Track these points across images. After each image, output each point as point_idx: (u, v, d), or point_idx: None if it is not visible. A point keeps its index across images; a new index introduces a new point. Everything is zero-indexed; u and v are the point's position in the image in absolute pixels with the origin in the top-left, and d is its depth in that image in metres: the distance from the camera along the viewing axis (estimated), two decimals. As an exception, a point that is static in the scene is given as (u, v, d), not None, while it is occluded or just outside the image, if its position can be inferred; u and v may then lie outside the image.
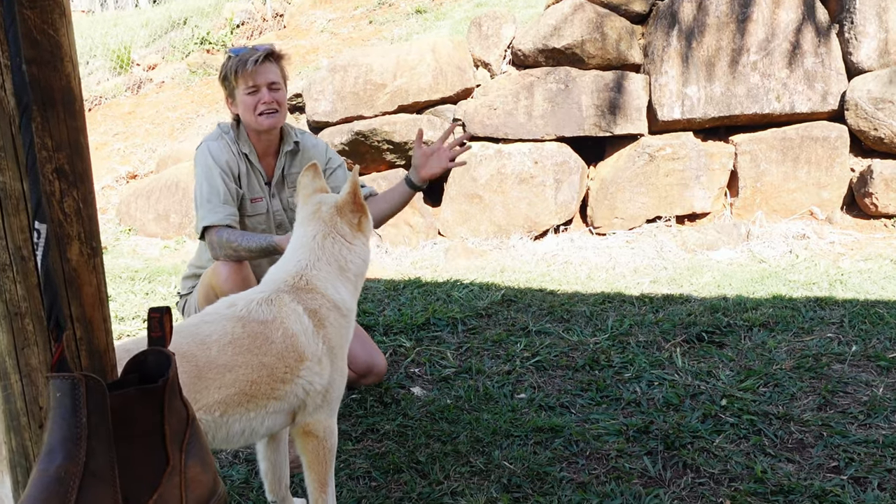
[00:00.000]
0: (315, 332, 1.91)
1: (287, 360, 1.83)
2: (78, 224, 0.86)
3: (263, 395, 1.78)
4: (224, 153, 2.75)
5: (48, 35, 0.78)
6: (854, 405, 2.73)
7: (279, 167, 2.95)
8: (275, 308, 1.87)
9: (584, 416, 2.79)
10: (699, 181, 5.28)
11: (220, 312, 1.85)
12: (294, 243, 2.07)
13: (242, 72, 2.71)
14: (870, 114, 5.08)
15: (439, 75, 5.34)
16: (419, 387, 3.13)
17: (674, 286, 4.19)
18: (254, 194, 2.87)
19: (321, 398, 1.93)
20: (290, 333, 1.85)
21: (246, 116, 2.79)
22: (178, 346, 1.67)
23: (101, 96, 9.16)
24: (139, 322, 3.97)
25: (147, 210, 5.70)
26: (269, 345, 1.81)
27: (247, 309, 1.85)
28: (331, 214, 2.07)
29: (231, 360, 1.73)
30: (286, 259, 2.05)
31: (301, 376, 1.85)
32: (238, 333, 1.78)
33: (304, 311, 1.92)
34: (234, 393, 1.72)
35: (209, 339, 1.74)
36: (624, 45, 5.30)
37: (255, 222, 2.87)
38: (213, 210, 2.64)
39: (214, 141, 2.79)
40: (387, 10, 10.15)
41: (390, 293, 4.27)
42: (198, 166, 2.75)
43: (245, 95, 2.74)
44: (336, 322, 1.98)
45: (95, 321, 0.90)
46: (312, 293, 1.96)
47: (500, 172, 5.30)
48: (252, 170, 2.87)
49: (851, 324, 3.44)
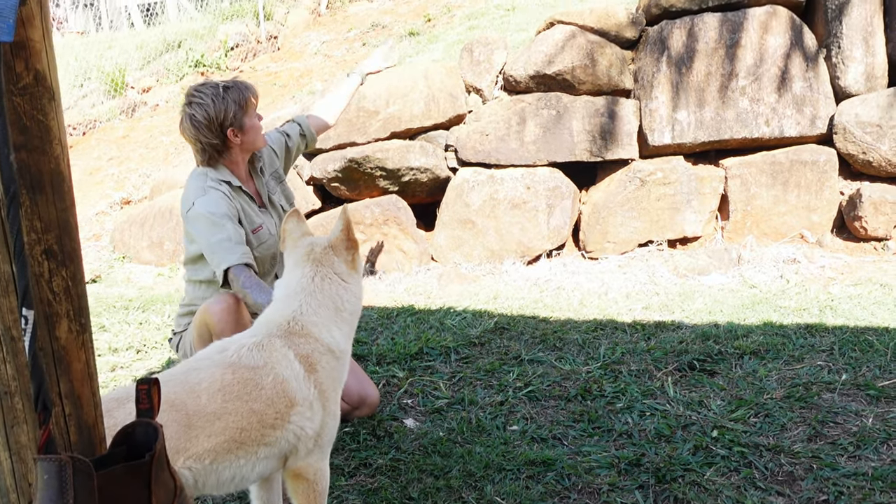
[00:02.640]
0: (307, 376, 1.92)
1: (277, 406, 1.84)
2: (67, 302, 0.87)
3: (253, 441, 1.79)
4: (221, 203, 2.73)
5: (37, 121, 0.80)
6: (844, 436, 2.74)
7: (260, 185, 3.02)
8: (266, 353, 1.88)
9: (576, 448, 2.80)
10: (690, 205, 5.31)
11: (211, 358, 1.86)
12: (288, 286, 2.08)
13: (249, 97, 2.78)
14: (858, 137, 5.13)
15: (431, 102, 5.38)
16: (412, 418, 3.14)
17: (665, 312, 4.21)
18: (253, 225, 2.90)
19: (312, 442, 1.93)
20: (281, 379, 1.86)
21: (255, 141, 2.86)
22: (167, 394, 1.68)
23: (96, 120, 9.19)
24: (132, 353, 3.97)
25: (141, 237, 5.71)
26: (258, 391, 1.81)
27: (237, 354, 1.86)
28: (325, 254, 2.09)
29: (221, 407, 1.74)
30: (280, 302, 2.06)
31: (292, 422, 1.86)
32: (228, 380, 1.79)
33: (295, 356, 1.93)
34: (224, 440, 1.73)
35: (199, 387, 1.75)
36: (614, 72, 5.35)
37: (264, 249, 2.91)
38: (230, 250, 2.64)
39: (204, 197, 2.75)
40: (380, 32, 10.23)
41: (383, 321, 4.28)
42: (198, 223, 2.71)
43: (255, 119, 2.82)
44: (328, 365, 1.99)
45: (84, 396, 0.91)
46: (306, 337, 1.98)
47: (493, 198, 5.33)
48: (245, 201, 2.91)
49: (841, 351, 3.46)
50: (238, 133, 2.82)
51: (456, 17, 9.71)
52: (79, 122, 8.97)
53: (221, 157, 2.85)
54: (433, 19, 10.03)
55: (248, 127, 2.81)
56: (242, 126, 2.80)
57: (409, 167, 5.34)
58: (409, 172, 5.37)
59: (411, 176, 5.39)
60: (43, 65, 0.80)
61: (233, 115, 2.75)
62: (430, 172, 5.40)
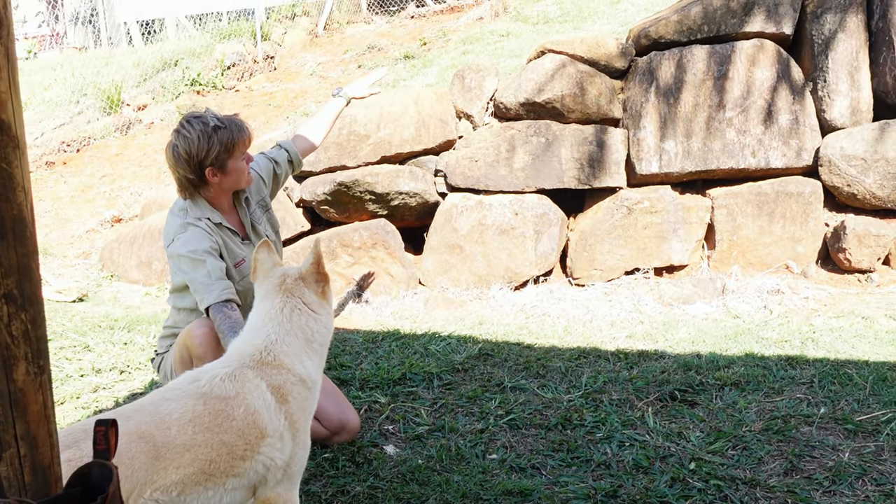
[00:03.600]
0: (278, 407, 1.94)
1: (248, 437, 1.85)
2: (25, 345, 0.89)
3: (222, 472, 1.79)
4: (202, 240, 2.71)
5: (1, 169, 0.83)
6: (820, 470, 2.76)
7: (244, 216, 3.00)
8: (238, 384, 1.89)
9: (554, 478, 2.81)
10: (677, 234, 5.35)
11: (183, 389, 1.87)
12: (260, 317, 2.10)
13: (239, 140, 2.73)
14: (843, 170, 5.18)
15: (422, 127, 5.43)
16: (392, 445, 3.14)
17: (649, 341, 4.23)
18: (235, 259, 2.88)
19: (282, 472, 1.95)
20: (252, 410, 1.87)
21: (237, 183, 2.83)
22: (137, 425, 1.69)
23: (90, 137, 9.22)
24: (116, 373, 3.97)
25: (130, 256, 5.72)
26: (229, 422, 1.82)
27: (209, 385, 1.87)
28: (296, 285, 2.12)
29: (190, 439, 1.75)
30: (253, 332, 2.08)
31: (261, 453, 1.87)
32: (199, 411, 1.80)
33: (267, 387, 1.94)
34: (193, 472, 1.73)
35: (169, 418, 1.75)
36: (604, 101, 5.41)
37: (246, 283, 2.89)
38: (209, 288, 2.63)
39: (183, 235, 2.73)
40: (376, 54, 10.32)
41: (368, 346, 4.29)
42: (180, 262, 2.70)
43: (241, 161, 2.78)
44: (300, 396, 2.01)
45: (40, 438, 0.93)
46: (278, 368, 1.99)
47: (481, 223, 5.36)
48: (227, 236, 2.89)
49: (821, 384, 3.48)
50: (218, 174, 2.76)
51: (451, 42, 9.82)
52: (73, 139, 9.00)
53: (199, 191, 2.83)
54: (429, 43, 10.13)
55: (230, 169, 2.75)
56: (224, 168, 2.74)
57: (399, 191, 5.38)
58: (399, 197, 5.40)
59: (400, 200, 5.42)
60: (8, 114, 0.83)
61: (215, 156, 2.68)
62: (420, 197, 5.43)
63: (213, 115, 2.74)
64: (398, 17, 12.10)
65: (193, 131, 2.68)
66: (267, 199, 3.15)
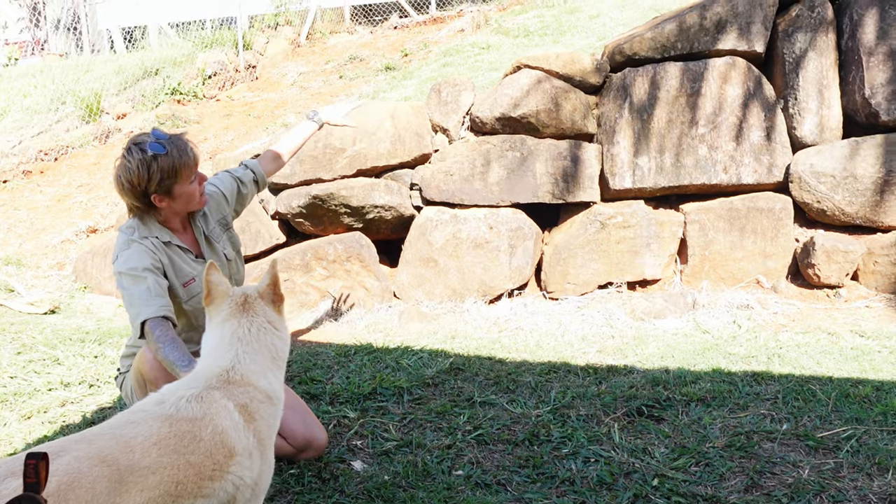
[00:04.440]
0: (245, 426, 1.95)
1: (216, 457, 1.85)
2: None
3: (190, 494, 1.79)
4: (144, 257, 2.69)
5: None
6: (779, 487, 2.79)
7: (199, 234, 2.98)
8: (205, 405, 1.90)
9: (518, 494, 2.83)
10: (650, 248, 5.40)
11: (148, 411, 1.86)
12: (225, 336, 2.10)
13: (183, 164, 2.69)
14: (813, 187, 5.26)
15: (397, 141, 5.45)
16: (360, 461, 3.15)
17: (619, 356, 4.26)
18: (185, 279, 2.86)
19: (250, 492, 1.95)
20: (220, 430, 1.88)
21: (186, 206, 2.80)
22: (100, 449, 1.69)
23: (69, 145, 9.15)
24: (85, 387, 3.95)
25: (103, 268, 5.70)
26: (196, 443, 1.82)
27: (175, 407, 1.87)
28: (259, 305, 2.14)
29: (156, 461, 1.74)
30: (219, 352, 2.08)
31: (231, 472, 1.87)
32: (164, 434, 1.80)
33: (234, 406, 1.96)
34: (159, 495, 1.73)
35: (133, 441, 1.75)
36: (578, 116, 5.46)
37: (195, 302, 2.88)
38: (147, 304, 2.61)
39: (126, 252, 2.73)
40: (357, 65, 10.35)
41: (340, 359, 4.30)
42: (121, 278, 2.69)
43: (188, 186, 2.75)
44: (266, 413, 2.02)
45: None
46: (245, 386, 2.01)
47: (456, 237, 5.39)
48: (177, 255, 2.86)
49: (785, 400, 3.52)
50: (165, 199, 2.74)
51: (432, 54, 9.86)
52: (51, 148, 8.94)
53: (149, 215, 2.82)
54: (410, 54, 10.18)
55: (177, 194, 2.73)
56: (171, 193, 2.71)
57: (374, 205, 5.39)
58: (374, 210, 5.42)
59: (376, 213, 5.44)
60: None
61: (157, 183, 2.65)
62: (395, 210, 5.46)
63: (154, 142, 2.65)
64: (381, 28, 12.15)
65: (133, 160, 2.63)
66: (228, 217, 3.13)
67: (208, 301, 2.18)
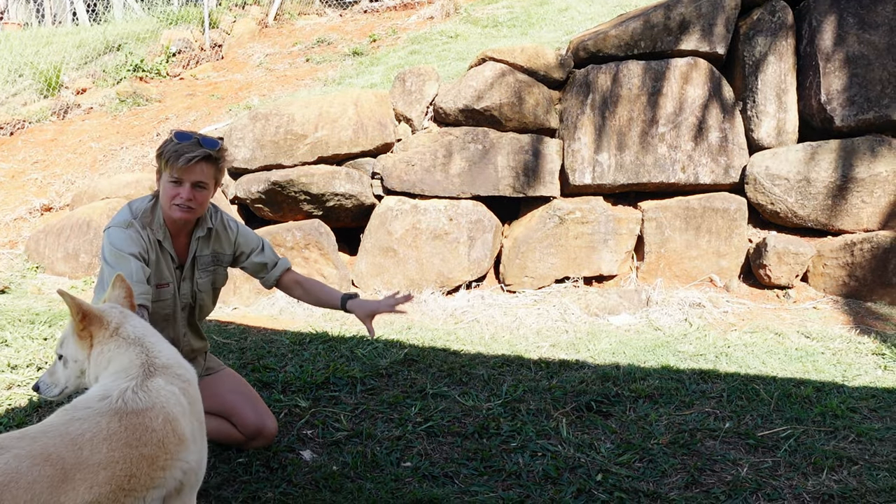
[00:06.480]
0: (190, 410, 1.95)
1: (168, 446, 1.83)
2: None
3: (143, 486, 1.76)
4: (134, 244, 2.66)
5: None
6: (718, 484, 2.86)
7: (191, 250, 2.93)
8: (153, 395, 1.87)
9: (465, 487, 2.86)
10: (607, 245, 5.47)
11: (94, 407, 1.83)
12: (138, 329, 2.09)
13: (174, 163, 2.68)
14: (767, 189, 5.36)
15: (360, 129, 5.43)
16: (310, 450, 3.15)
17: (571, 351, 4.32)
18: (161, 280, 2.83)
19: (194, 476, 1.95)
20: (172, 417, 1.86)
21: (163, 201, 2.77)
22: (45, 447, 1.66)
23: (26, 120, 8.93)
24: (33, 370, 3.89)
25: (56, 248, 5.60)
26: (149, 434, 1.80)
27: (122, 400, 1.84)
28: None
29: (107, 456, 1.71)
30: (137, 344, 2.05)
31: (180, 458, 1.86)
32: (115, 428, 1.77)
33: (179, 391, 1.95)
34: (111, 490, 1.70)
35: (81, 439, 1.71)
36: (541, 111, 5.49)
37: (159, 307, 2.83)
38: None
39: (121, 230, 2.69)
40: (325, 48, 10.25)
41: (295, 348, 4.29)
42: (106, 249, 2.65)
43: (168, 183, 2.72)
44: (196, 396, 2.03)
45: None
46: (177, 370, 2.01)
47: (416, 228, 5.40)
48: (163, 256, 2.83)
49: (729, 399, 3.61)
50: (158, 178, 2.78)
51: (400, 40, 9.81)
52: (6, 122, 8.72)
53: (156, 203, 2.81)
54: (378, 40, 10.11)
55: (161, 181, 2.74)
56: (160, 175, 2.75)
57: (335, 193, 5.37)
58: (334, 198, 5.40)
59: (336, 201, 5.42)
60: None
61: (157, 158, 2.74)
62: (356, 199, 5.44)
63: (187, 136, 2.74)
64: (350, 11, 12.03)
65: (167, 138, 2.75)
66: (223, 258, 3.05)
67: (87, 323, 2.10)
